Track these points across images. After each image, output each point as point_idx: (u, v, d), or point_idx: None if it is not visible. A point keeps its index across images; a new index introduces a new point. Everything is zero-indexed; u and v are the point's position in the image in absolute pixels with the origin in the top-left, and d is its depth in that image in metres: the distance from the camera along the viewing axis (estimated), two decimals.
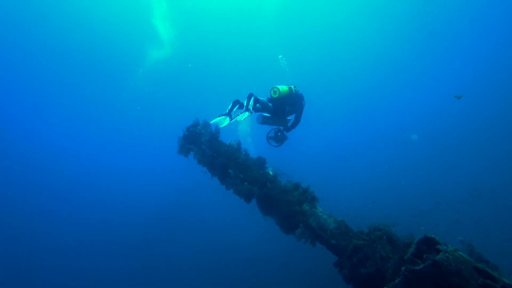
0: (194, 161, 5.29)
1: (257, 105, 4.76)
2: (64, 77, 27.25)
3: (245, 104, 4.56)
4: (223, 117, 4.64)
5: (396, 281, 2.59)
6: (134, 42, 26.33)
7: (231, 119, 4.56)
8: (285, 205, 4.32)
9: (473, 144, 21.36)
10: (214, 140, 5.14)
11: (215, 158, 4.98)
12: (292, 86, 5.12)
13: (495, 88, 25.32)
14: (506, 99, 23.58)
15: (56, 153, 26.33)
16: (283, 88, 4.94)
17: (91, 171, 25.56)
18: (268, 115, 5.07)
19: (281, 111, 5.05)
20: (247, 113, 4.48)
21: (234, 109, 4.62)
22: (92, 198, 21.30)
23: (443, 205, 12.33)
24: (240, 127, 5.53)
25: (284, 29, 27.43)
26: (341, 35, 29.19)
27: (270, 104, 5.00)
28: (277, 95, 4.88)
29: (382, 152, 24.37)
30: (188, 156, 5.54)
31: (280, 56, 7.66)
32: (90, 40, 26.54)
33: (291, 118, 5.39)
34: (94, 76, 28.26)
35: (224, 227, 14.77)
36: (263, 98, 4.98)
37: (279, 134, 5.26)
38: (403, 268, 2.56)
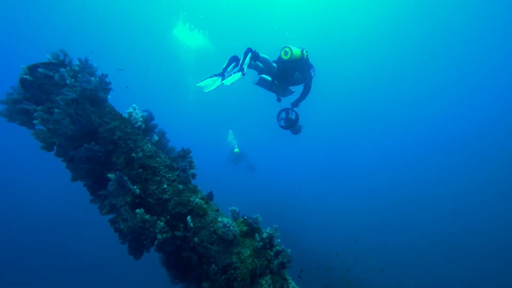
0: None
1: (259, 64, 3.89)
2: None
3: (240, 62, 3.44)
4: (215, 77, 3.42)
5: None
6: None
7: (223, 80, 3.37)
8: (221, 277, 1.85)
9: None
10: (89, 102, 2.36)
11: (82, 142, 2.21)
12: (304, 51, 4.17)
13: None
14: None
15: None
16: (296, 50, 4.00)
17: None
18: (269, 78, 4.05)
19: (288, 77, 4.12)
20: (239, 74, 3.28)
21: (229, 68, 3.50)
22: None
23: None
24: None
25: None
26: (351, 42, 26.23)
27: (274, 64, 4.04)
28: (288, 56, 3.96)
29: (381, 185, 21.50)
30: (31, 128, 2.62)
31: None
32: None
33: (292, 89, 4.51)
34: None
35: None
36: (265, 55, 3.92)
37: (292, 118, 4.39)
38: None
